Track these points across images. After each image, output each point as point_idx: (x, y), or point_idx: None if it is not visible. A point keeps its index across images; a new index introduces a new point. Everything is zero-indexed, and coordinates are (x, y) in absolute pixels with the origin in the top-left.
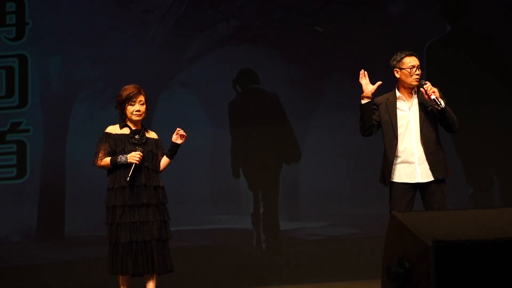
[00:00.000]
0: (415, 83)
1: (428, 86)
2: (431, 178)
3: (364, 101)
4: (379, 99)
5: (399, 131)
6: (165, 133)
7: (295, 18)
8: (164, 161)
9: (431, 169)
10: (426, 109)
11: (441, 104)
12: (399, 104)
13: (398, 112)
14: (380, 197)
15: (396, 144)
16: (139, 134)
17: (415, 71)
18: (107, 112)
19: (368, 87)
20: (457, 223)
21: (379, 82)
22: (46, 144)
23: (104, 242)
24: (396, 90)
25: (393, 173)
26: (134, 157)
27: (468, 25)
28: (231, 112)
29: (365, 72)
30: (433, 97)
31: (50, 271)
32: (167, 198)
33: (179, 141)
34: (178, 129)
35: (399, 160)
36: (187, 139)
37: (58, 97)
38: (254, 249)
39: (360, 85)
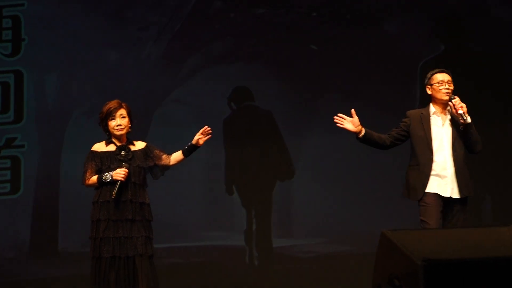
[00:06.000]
0: (446, 97)
1: (456, 100)
2: (458, 196)
3: (360, 135)
4: (412, 113)
5: (434, 145)
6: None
7: (290, 37)
8: (178, 156)
9: (459, 186)
10: (458, 127)
11: (467, 119)
12: (433, 119)
13: (433, 127)
14: (371, 215)
15: (432, 159)
16: (125, 150)
17: (445, 85)
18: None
19: (354, 123)
20: (447, 242)
21: (352, 110)
22: (41, 160)
23: None
24: (431, 105)
25: (427, 186)
26: (119, 174)
27: (461, 43)
28: (226, 129)
29: (340, 117)
30: (460, 111)
31: (43, 286)
32: (152, 216)
33: (201, 142)
34: (206, 127)
35: (432, 173)
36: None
37: (53, 113)
38: (247, 266)
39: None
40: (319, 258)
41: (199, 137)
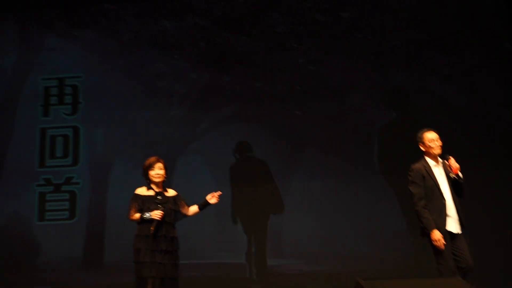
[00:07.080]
0: (439, 151)
1: (452, 160)
2: (460, 231)
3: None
4: (418, 167)
5: (443, 191)
6: (183, 189)
7: (280, 104)
8: (194, 210)
9: (461, 223)
10: (448, 174)
11: (461, 178)
12: (434, 170)
13: (437, 177)
14: (345, 240)
15: (445, 203)
16: (161, 195)
17: (435, 142)
18: (138, 171)
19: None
20: None
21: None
22: (92, 194)
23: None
24: (427, 159)
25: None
26: (157, 214)
27: (409, 112)
28: (231, 174)
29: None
30: (457, 171)
31: None
32: (179, 246)
33: (213, 201)
34: (219, 192)
35: (447, 213)
36: (199, 194)
37: (102, 158)
38: (247, 279)
39: None
40: (303, 275)
41: (211, 197)
